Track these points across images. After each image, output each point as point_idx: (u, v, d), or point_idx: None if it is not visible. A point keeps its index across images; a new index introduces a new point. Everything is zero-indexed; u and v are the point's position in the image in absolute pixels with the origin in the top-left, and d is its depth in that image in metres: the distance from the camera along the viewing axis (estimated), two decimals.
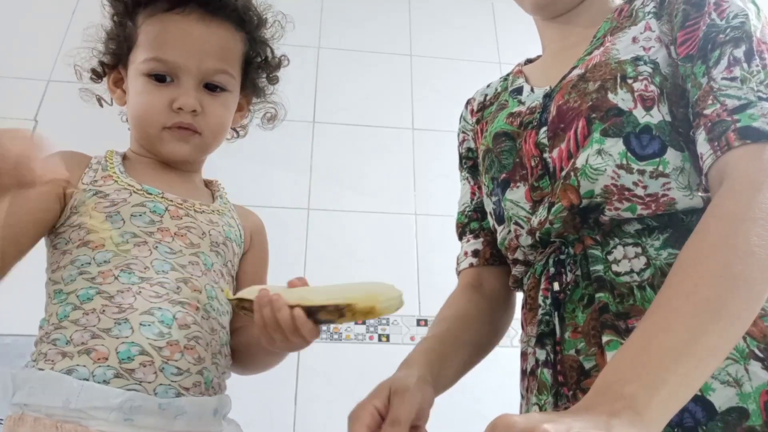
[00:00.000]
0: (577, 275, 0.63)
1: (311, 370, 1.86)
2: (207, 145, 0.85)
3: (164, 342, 0.69)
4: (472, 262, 0.83)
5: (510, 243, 0.74)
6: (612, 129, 0.62)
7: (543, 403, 0.63)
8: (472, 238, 0.85)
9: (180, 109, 0.79)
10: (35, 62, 2.23)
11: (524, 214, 0.70)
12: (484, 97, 0.89)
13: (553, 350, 0.63)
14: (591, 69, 0.67)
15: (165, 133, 0.81)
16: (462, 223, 0.88)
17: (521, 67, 0.85)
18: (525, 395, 0.70)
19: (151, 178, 0.82)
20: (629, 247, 0.60)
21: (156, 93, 0.80)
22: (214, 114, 0.82)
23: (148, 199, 0.78)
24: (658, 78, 0.63)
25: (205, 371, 0.73)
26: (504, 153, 0.74)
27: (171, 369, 0.69)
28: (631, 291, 0.58)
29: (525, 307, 0.73)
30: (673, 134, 0.61)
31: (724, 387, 0.52)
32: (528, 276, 0.73)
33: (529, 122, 0.72)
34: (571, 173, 0.64)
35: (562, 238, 0.66)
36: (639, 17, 0.69)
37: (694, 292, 0.47)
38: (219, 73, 0.82)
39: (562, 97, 0.68)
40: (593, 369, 0.59)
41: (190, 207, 0.81)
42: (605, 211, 0.61)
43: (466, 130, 0.90)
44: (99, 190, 0.78)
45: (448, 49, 2.49)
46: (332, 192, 2.15)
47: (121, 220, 0.75)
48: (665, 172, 0.60)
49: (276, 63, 0.95)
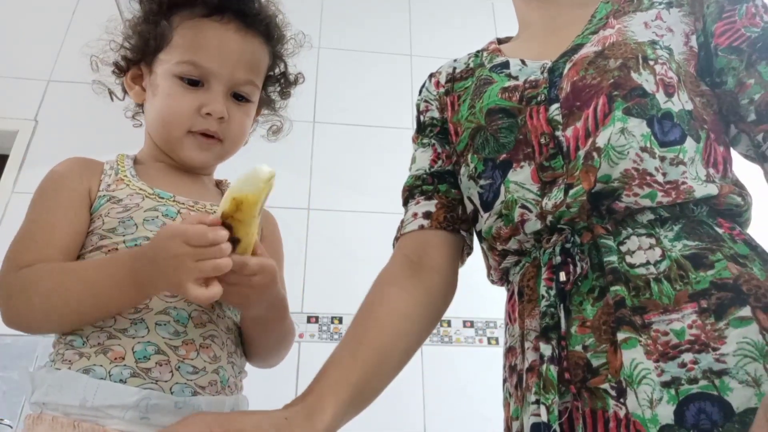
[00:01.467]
0: (587, 266, 0.59)
1: (311, 370, 1.85)
2: (226, 152, 0.85)
3: (180, 341, 0.69)
4: (422, 224, 0.75)
5: (499, 232, 0.68)
6: (636, 109, 0.60)
7: (550, 402, 0.56)
8: (423, 200, 0.78)
9: (208, 114, 0.79)
10: (35, 62, 2.23)
11: (532, 196, 0.65)
12: (452, 69, 0.84)
13: (559, 345, 0.58)
14: (610, 47, 0.64)
15: (188, 138, 0.80)
16: (411, 186, 0.81)
17: (497, 45, 0.82)
18: (514, 393, 0.65)
19: (163, 181, 0.81)
20: (643, 238, 0.57)
21: (186, 96, 0.79)
22: (237, 123, 0.83)
23: (160, 203, 0.77)
24: (674, 65, 0.62)
25: (221, 370, 0.72)
26: (503, 131, 0.69)
27: (187, 368, 0.68)
28: (648, 284, 0.55)
29: (520, 299, 0.67)
30: (692, 123, 0.60)
31: (743, 387, 0.49)
32: (521, 266, 0.68)
33: (532, 97, 0.68)
34: (593, 153, 0.60)
35: (569, 226, 0.62)
36: (645, 4, 0.68)
37: None
38: (248, 84, 0.83)
39: (577, 73, 0.64)
40: (602, 367, 0.55)
41: (201, 209, 0.79)
42: (622, 197, 0.58)
43: (429, 100, 0.85)
44: (112, 195, 0.77)
45: (448, 49, 2.48)
46: (332, 192, 2.15)
47: (134, 225, 0.74)
48: (684, 160, 0.58)
49: (292, 80, 0.96)
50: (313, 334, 1.93)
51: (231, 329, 0.77)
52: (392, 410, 1.76)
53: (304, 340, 1.92)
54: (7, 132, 2.12)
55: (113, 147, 0.89)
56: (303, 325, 1.94)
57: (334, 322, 1.96)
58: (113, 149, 0.88)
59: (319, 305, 1.98)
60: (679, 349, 0.52)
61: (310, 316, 1.96)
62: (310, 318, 1.96)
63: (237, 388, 0.77)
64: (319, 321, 1.96)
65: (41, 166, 2.05)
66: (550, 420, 0.56)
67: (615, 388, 0.53)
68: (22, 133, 2.11)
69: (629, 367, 0.53)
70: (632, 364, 0.53)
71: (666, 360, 0.52)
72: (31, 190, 0.80)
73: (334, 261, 2.04)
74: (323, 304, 1.98)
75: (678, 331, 0.53)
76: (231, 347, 0.76)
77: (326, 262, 2.04)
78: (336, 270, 2.03)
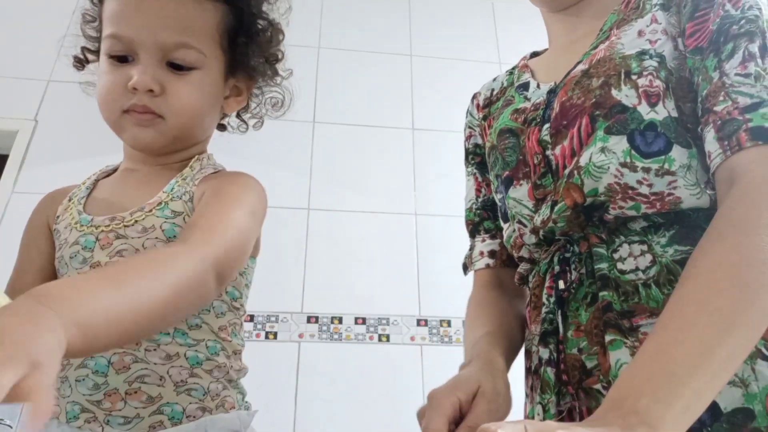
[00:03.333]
0: (581, 273, 0.62)
1: (311, 370, 1.86)
2: (173, 129, 0.73)
3: (101, 394, 0.65)
4: (488, 263, 0.81)
5: (515, 241, 0.72)
6: (616, 126, 0.61)
7: (546, 402, 0.61)
8: (488, 238, 0.83)
9: (136, 89, 0.70)
10: (35, 62, 2.23)
11: (527, 212, 0.69)
12: (491, 92, 0.86)
13: (556, 348, 0.62)
14: (595, 64, 0.66)
15: (125, 119, 0.72)
16: (473, 221, 0.85)
17: (527, 61, 0.83)
18: (530, 394, 0.69)
19: (107, 194, 0.76)
20: (635, 245, 0.59)
21: (114, 73, 0.71)
22: (177, 95, 0.72)
23: (81, 234, 0.72)
24: (664, 72, 0.62)
25: (166, 407, 0.66)
26: (508, 150, 0.73)
27: (117, 420, 0.64)
28: (636, 289, 0.57)
29: (530, 305, 0.71)
30: (680, 130, 0.60)
31: (730, 387, 0.51)
32: (533, 274, 0.71)
33: (533, 119, 0.70)
34: (574, 171, 0.63)
35: (567, 236, 0.65)
36: (646, 9, 0.68)
37: (707, 301, 0.46)
38: (180, 47, 0.71)
39: (566, 94, 0.66)
40: (595, 368, 0.58)
41: (118, 225, 0.71)
42: (609, 209, 0.60)
43: (472, 126, 0.88)
44: (57, 227, 0.75)
45: (448, 49, 2.49)
46: (332, 192, 2.15)
47: (66, 265, 0.71)
48: (671, 170, 0.58)
49: (267, 38, 0.81)
50: (313, 334, 1.93)
51: (175, 354, 0.69)
52: (392, 410, 1.76)
53: (304, 340, 1.92)
54: (7, 132, 2.12)
55: (113, 147, 0.88)
56: (303, 325, 1.94)
57: (334, 322, 1.96)
58: (113, 149, 0.88)
59: (319, 305, 1.98)
60: None
61: (310, 316, 1.96)
62: (310, 318, 1.96)
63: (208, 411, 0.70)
64: (318, 321, 1.96)
65: (41, 166, 2.06)
66: (546, 419, 0.60)
67: (606, 388, 0.56)
68: (22, 133, 2.11)
69: (615, 367, 0.55)
70: (617, 364, 0.55)
71: None
72: (31, 190, 0.81)
73: (334, 261, 2.04)
74: (323, 304, 1.98)
75: None
76: (180, 375, 0.68)
77: (326, 262, 2.04)
78: (336, 270, 2.03)
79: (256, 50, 0.81)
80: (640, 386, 0.44)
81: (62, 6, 2.38)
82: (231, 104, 0.83)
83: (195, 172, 0.77)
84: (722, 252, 0.49)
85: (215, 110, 0.81)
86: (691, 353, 0.45)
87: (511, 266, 0.80)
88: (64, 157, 2.00)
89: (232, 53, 0.78)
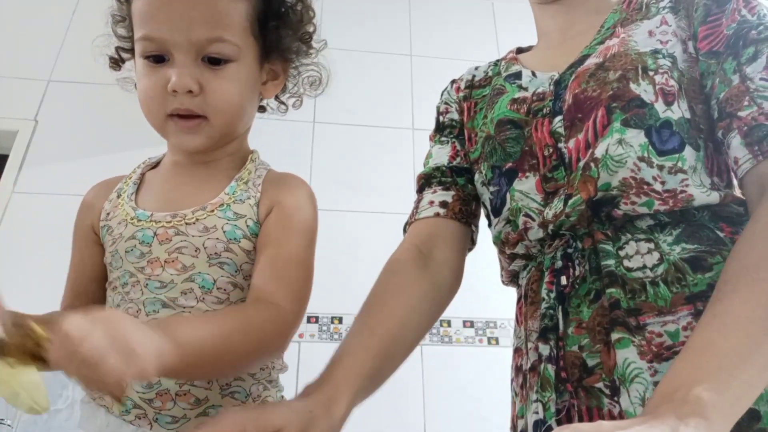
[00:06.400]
0: (585, 270, 0.61)
1: (311, 370, 1.85)
2: (218, 129, 0.73)
3: (153, 393, 0.67)
4: (438, 212, 0.76)
5: (507, 236, 0.70)
6: (633, 119, 0.60)
7: (546, 400, 0.60)
8: (440, 190, 0.79)
9: (176, 92, 0.69)
10: (35, 62, 2.23)
11: (535, 205, 0.67)
12: (472, 76, 0.85)
13: (557, 345, 0.61)
14: (610, 58, 0.65)
15: (170, 124, 0.72)
16: (429, 175, 0.81)
17: (515, 55, 0.82)
18: (519, 393, 0.67)
19: (162, 188, 0.76)
20: (642, 243, 0.59)
21: (152, 76, 0.70)
22: (217, 91, 0.70)
23: (138, 228, 0.72)
24: (676, 73, 0.62)
25: (212, 410, 0.69)
26: (509, 141, 0.71)
27: (165, 418, 0.67)
28: (644, 287, 0.57)
29: (524, 302, 0.70)
30: (692, 132, 0.60)
31: None
32: (528, 270, 0.70)
33: (539, 110, 0.69)
34: (590, 164, 0.62)
35: (571, 232, 0.64)
36: (652, 11, 0.68)
37: (750, 299, 0.48)
38: (215, 42, 0.69)
39: (579, 86, 0.65)
40: (597, 366, 0.57)
41: (179, 222, 0.71)
42: (620, 205, 0.60)
43: (449, 102, 0.86)
44: (108, 224, 0.75)
45: (448, 49, 2.49)
46: (332, 192, 2.15)
47: (120, 259, 0.72)
48: (684, 169, 0.59)
49: (298, 17, 0.79)
50: (313, 334, 1.93)
51: None
52: (392, 410, 1.76)
53: (304, 340, 1.92)
54: (7, 132, 2.12)
55: (113, 147, 0.88)
56: (303, 325, 1.94)
57: (334, 322, 1.96)
58: (113, 149, 0.88)
59: (319, 305, 1.98)
60: (673, 351, 0.53)
61: (310, 316, 1.96)
62: (310, 318, 1.96)
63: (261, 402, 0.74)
64: (319, 321, 1.96)
65: (41, 166, 2.06)
66: (546, 417, 0.59)
67: (609, 387, 0.55)
68: (22, 133, 2.11)
69: (622, 366, 0.54)
70: (625, 363, 0.54)
71: (660, 361, 0.53)
72: (31, 190, 0.81)
73: (334, 261, 2.04)
74: (323, 304, 1.97)
75: (672, 332, 0.54)
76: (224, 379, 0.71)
77: (326, 262, 2.02)
78: (336, 270, 2.02)
79: (288, 31, 0.79)
80: (690, 378, 0.44)
81: (62, 6, 2.38)
82: (269, 89, 0.82)
83: (253, 176, 0.78)
84: (761, 253, 0.50)
85: (254, 99, 0.80)
86: (738, 347, 0.45)
87: (461, 222, 0.77)
88: (64, 157, 2.00)
89: (264, 38, 0.76)
